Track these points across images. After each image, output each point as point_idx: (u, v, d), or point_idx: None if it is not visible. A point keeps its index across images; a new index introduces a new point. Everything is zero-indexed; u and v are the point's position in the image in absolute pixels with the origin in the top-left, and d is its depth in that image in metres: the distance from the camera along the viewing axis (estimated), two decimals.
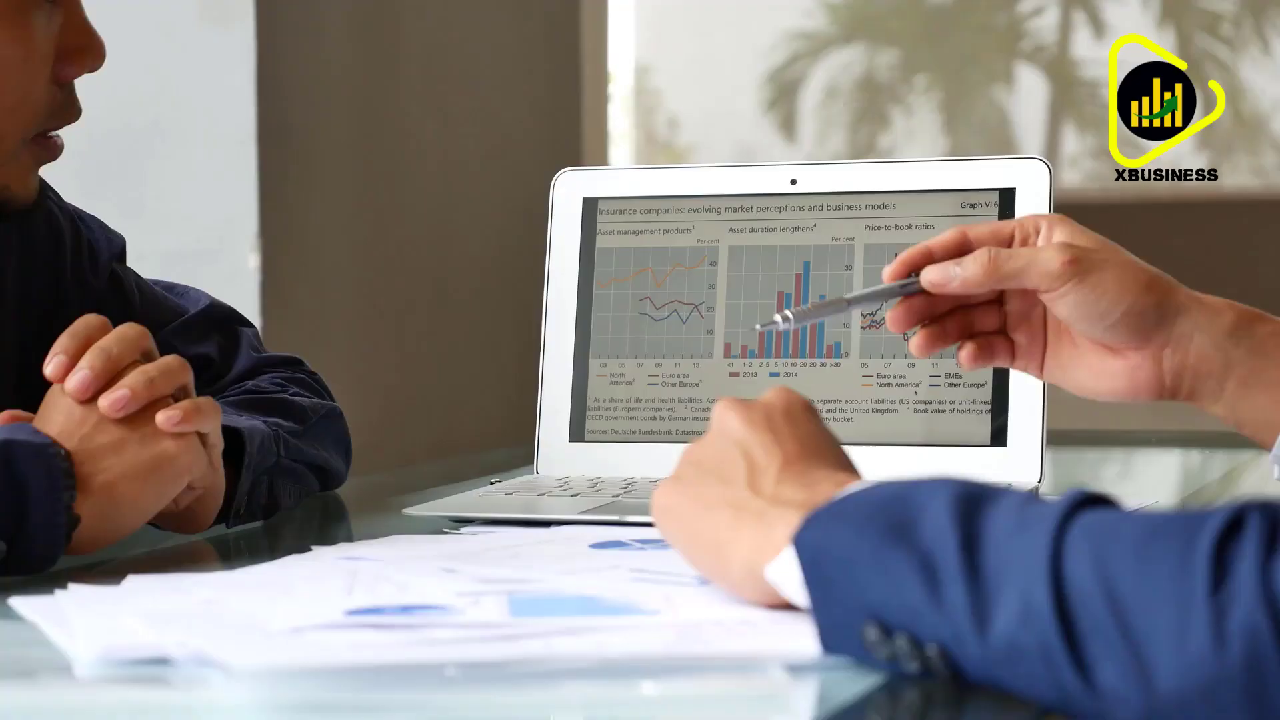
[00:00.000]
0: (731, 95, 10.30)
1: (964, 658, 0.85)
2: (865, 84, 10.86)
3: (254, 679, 0.91)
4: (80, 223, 1.58)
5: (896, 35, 11.13)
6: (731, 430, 1.05)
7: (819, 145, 10.45)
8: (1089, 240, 1.26)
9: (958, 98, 11.44)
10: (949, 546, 0.86)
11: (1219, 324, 1.25)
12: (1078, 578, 0.82)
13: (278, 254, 2.49)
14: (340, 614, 1.02)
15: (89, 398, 1.22)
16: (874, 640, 0.89)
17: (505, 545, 1.28)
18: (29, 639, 1.02)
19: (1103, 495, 0.87)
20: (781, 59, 10.75)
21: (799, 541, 0.92)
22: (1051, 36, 11.75)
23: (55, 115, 1.39)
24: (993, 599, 0.84)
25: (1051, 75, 11.56)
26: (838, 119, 10.78)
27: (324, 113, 2.66)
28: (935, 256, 1.28)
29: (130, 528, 1.22)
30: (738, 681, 0.92)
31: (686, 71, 9.75)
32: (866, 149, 10.68)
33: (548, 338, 1.58)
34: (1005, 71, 11.81)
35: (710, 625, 1.00)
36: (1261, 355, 1.24)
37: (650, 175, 1.60)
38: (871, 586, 0.89)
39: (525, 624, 1.00)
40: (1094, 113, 11.59)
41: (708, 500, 1.03)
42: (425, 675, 0.92)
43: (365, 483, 1.74)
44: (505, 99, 3.23)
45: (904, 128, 11.16)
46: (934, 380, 1.49)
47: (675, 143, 11.31)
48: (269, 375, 1.59)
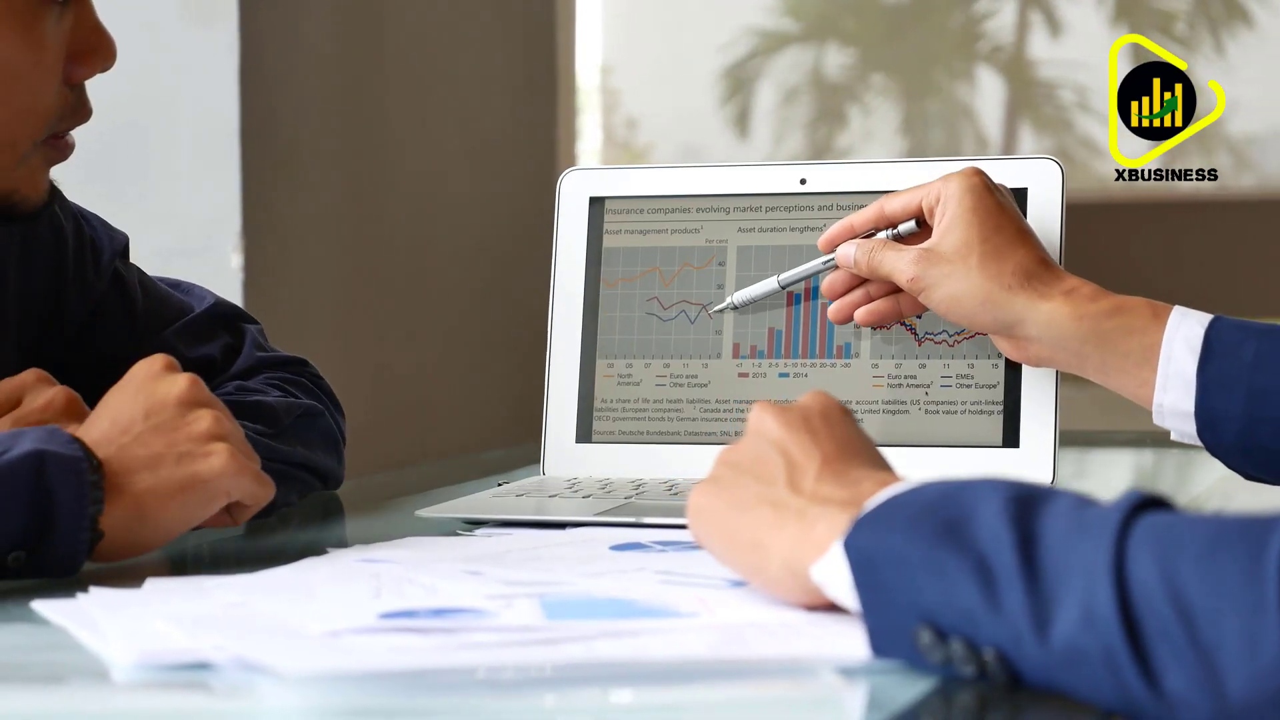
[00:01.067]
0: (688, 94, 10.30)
1: (1022, 661, 0.85)
2: (822, 83, 10.88)
3: (300, 684, 0.90)
4: (83, 221, 1.56)
5: (854, 34, 11.15)
6: (769, 432, 1.04)
7: (777, 145, 10.47)
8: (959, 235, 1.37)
9: (915, 97, 11.47)
10: (1005, 548, 0.86)
11: (1060, 332, 1.35)
12: (1142, 582, 0.81)
13: (261, 253, 2.47)
14: (373, 617, 1.01)
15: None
16: (927, 644, 0.88)
17: (525, 547, 1.27)
18: (55, 643, 1.01)
19: (1160, 497, 0.86)
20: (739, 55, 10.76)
21: (849, 544, 0.92)
22: (1008, 37, 11.78)
23: (66, 117, 1.38)
24: (1053, 602, 0.83)
25: (1008, 75, 11.59)
26: (796, 118, 10.81)
27: (307, 111, 2.65)
28: (856, 230, 1.45)
29: (155, 544, 1.21)
30: (788, 685, 0.91)
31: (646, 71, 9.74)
32: (824, 149, 10.70)
33: (554, 338, 1.57)
34: (963, 71, 11.83)
35: (750, 628, 0.99)
36: (1109, 350, 1.34)
37: (658, 174, 1.59)
38: (924, 589, 0.88)
39: (563, 627, 0.99)
40: (1051, 113, 11.61)
41: (746, 500, 1.03)
42: (468, 679, 0.91)
43: (361, 484, 1.73)
44: (484, 99, 3.22)
45: (861, 127, 11.19)
46: (945, 381, 1.49)
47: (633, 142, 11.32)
48: (263, 376, 1.58)
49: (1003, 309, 1.37)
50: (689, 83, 10.22)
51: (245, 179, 2.45)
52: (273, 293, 2.52)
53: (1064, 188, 1.48)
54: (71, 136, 1.41)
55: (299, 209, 2.62)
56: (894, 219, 1.44)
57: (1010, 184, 1.49)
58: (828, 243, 1.46)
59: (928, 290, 1.39)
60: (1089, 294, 1.36)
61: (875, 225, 1.45)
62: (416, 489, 1.72)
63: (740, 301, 1.52)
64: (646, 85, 9.38)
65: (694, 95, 10.15)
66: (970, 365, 1.48)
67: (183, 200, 2.43)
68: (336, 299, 2.73)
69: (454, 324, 3.11)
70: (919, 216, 1.43)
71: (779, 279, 1.51)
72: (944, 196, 1.40)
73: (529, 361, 3.40)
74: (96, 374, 1.48)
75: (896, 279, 1.41)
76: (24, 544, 1.15)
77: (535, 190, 3.44)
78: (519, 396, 3.35)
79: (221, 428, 1.23)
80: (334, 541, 1.46)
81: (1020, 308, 1.36)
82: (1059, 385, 1.46)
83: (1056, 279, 1.37)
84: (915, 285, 1.39)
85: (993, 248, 1.37)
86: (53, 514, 1.15)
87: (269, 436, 1.46)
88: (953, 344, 1.49)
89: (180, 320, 1.57)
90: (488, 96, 3.24)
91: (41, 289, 1.51)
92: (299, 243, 2.63)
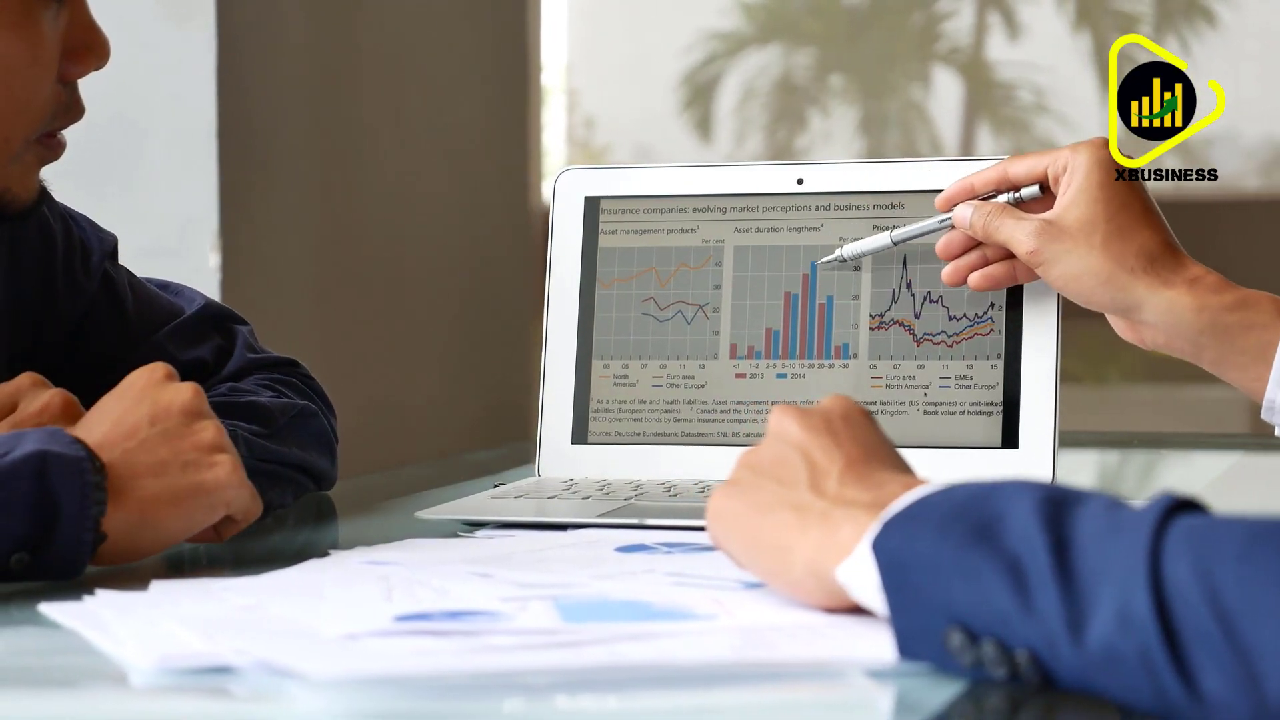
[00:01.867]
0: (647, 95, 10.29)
1: (1056, 664, 0.84)
2: (782, 85, 10.87)
3: (325, 688, 0.89)
4: (71, 222, 1.54)
5: (813, 36, 11.15)
6: (790, 435, 1.04)
7: (737, 146, 10.47)
8: (1083, 210, 1.34)
9: (874, 99, 11.47)
10: (1038, 550, 0.85)
11: (1180, 319, 1.32)
12: (1179, 583, 0.81)
13: (238, 253, 2.46)
14: (388, 620, 1.00)
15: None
16: (957, 646, 0.87)
17: (530, 549, 1.26)
18: (68, 646, 1.00)
19: (1193, 499, 0.86)
20: (698, 59, 10.74)
21: (878, 546, 0.91)
22: (967, 38, 11.80)
23: (60, 115, 1.37)
24: (1088, 604, 0.83)
25: (967, 76, 11.61)
26: (756, 120, 10.80)
27: (284, 110, 2.63)
28: (976, 191, 1.41)
29: (153, 550, 1.20)
30: (817, 688, 0.90)
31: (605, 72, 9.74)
32: (784, 150, 10.69)
33: (549, 338, 1.56)
34: (921, 73, 11.85)
35: (771, 630, 0.98)
36: (1227, 344, 1.32)
37: (653, 174, 1.58)
38: (955, 591, 0.88)
39: (582, 630, 0.98)
40: (1009, 114, 11.63)
41: (767, 503, 1.02)
42: (493, 682, 0.91)
43: (346, 485, 1.72)
44: (456, 97, 3.21)
45: (821, 129, 11.18)
46: (944, 382, 1.48)
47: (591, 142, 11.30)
48: (255, 377, 1.57)
49: (1123, 291, 1.34)
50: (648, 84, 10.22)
51: (223, 178, 2.44)
52: (250, 293, 2.50)
53: None
54: (63, 136, 1.40)
55: (276, 208, 2.61)
56: (1017, 183, 1.41)
57: None
58: (946, 201, 1.43)
59: (1046, 264, 1.36)
60: (1213, 284, 1.33)
61: (997, 188, 1.41)
62: (406, 490, 1.71)
63: (850, 255, 1.48)
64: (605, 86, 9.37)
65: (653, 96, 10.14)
66: (969, 366, 1.48)
67: (160, 200, 2.42)
68: (314, 299, 2.72)
69: (431, 324, 3.10)
70: (1043, 182, 1.39)
71: (892, 235, 1.47)
72: (1071, 166, 1.37)
73: (507, 362, 3.40)
74: (87, 377, 1.47)
75: (1014, 248, 1.38)
76: (27, 545, 1.14)
77: (507, 189, 3.43)
78: (497, 397, 3.34)
79: (224, 440, 1.22)
80: (329, 543, 1.45)
81: (1141, 292, 1.34)
82: (1058, 386, 1.45)
83: (1181, 265, 1.34)
84: (1034, 258, 1.36)
85: (1117, 227, 1.34)
86: (55, 515, 1.14)
87: (264, 437, 1.45)
88: (951, 344, 1.49)
89: (171, 322, 1.56)
90: (460, 95, 3.23)
91: (31, 291, 1.50)
92: (276, 242, 2.62)
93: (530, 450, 1.56)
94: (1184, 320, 1.32)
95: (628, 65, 8.74)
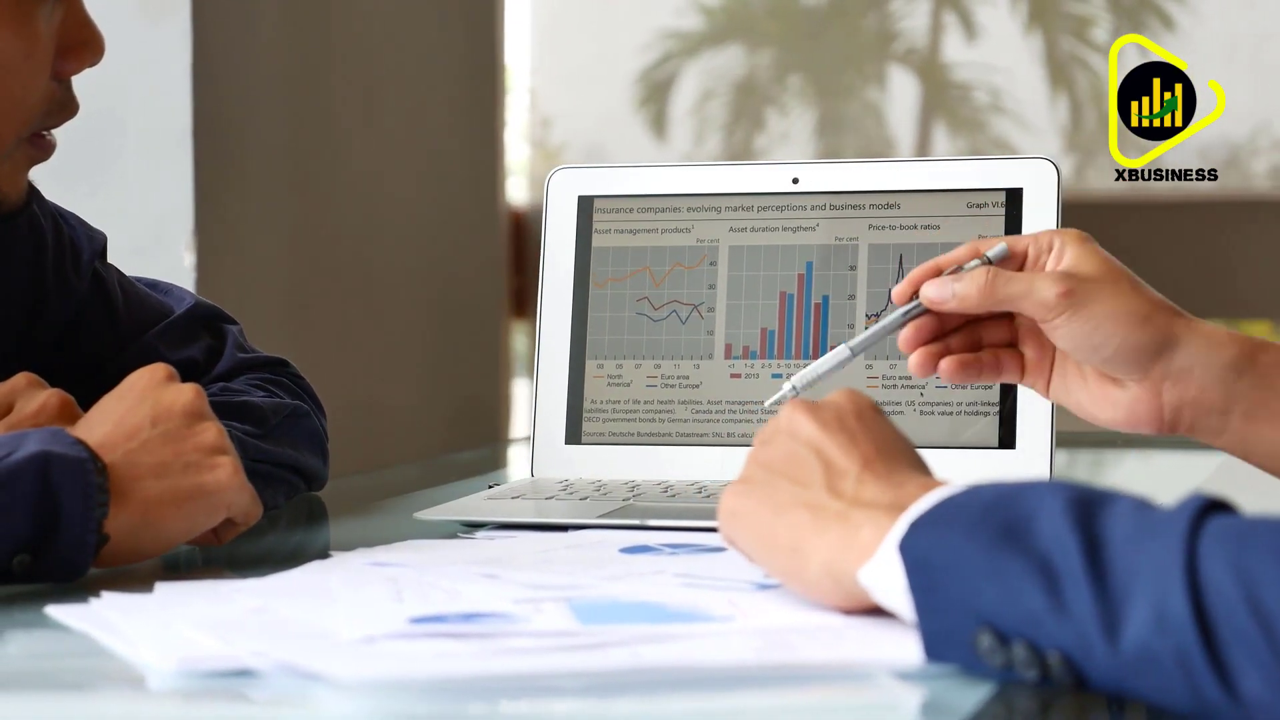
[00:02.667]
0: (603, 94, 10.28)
1: (1090, 665, 0.84)
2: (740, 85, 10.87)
3: (355, 692, 0.88)
4: (61, 220, 1.53)
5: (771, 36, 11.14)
6: (803, 432, 1.03)
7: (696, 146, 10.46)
8: (1096, 265, 1.23)
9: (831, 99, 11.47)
10: (1070, 551, 0.85)
11: (1220, 357, 1.22)
12: (1216, 583, 0.80)
13: (213, 252, 2.44)
14: (404, 622, 1.00)
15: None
16: (987, 648, 0.87)
17: (533, 550, 1.25)
18: (81, 649, 0.99)
19: (1223, 500, 0.85)
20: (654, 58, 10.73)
21: (905, 547, 0.91)
22: (923, 39, 11.81)
23: (53, 113, 1.35)
24: (1123, 605, 0.83)
25: (923, 77, 11.62)
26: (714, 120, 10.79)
27: (259, 109, 2.61)
28: (944, 267, 1.25)
29: (155, 552, 1.19)
30: (846, 690, 0.90)
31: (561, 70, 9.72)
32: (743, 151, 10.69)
33: (542, 338, 1.55)
34: (877, 74, 11.86)
35: (791, 632, 0.98)
36: (1265, 387, 1.22)
37: (647, 173, 1.57)
38: (984, 592, 0.87)
39: (601, 632, 0.98)
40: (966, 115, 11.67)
41: (782, 503, 1.01)
42: (519, 685, 0.90)
43: (334, 486, 1.70)
44: (428, 98, 3.20)
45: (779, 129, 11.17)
46: (940, 382, 1.48)
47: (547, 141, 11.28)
48: (246, 376, 1.56)
49: (1165, 328, 1.21)
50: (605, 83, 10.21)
51: (198, 177, 2.42)
52: (225, 291, 2.48)
53: (1060, 188, 1.47)
54: (53, 136, 1.38)
55: (251, 207, 2.59)
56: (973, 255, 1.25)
57: (1005, 185, 1.48)
58: (909, 287, 1.25)
59: (1081, 305, 1.20)
60: (1227, 332, 1.23)
61: (969, 258, 1.25)
62: (393, 491, 1.70)
63: (802, 384, 1.27)
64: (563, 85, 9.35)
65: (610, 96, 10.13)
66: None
67: (135, 198, 2.39)
68: (288, 298, 2.70)
69: (404, 324, 3.08)
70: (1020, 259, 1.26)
71: (850, 345, 1.27)
72: (1058, 242, 1.24)
73: (475, 365, 3.38)
74: (78, 377, 1.46)
75: (1036, 297, 1.21)
76: (29, 547, 1.13)
77: (476, 188, 3.42)
78: (467, 398, 3.32)
79: (225, 442, 1.21)
80: (323, 544, 1.44)
81: (1180, 328, 1.21)
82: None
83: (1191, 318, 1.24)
84: (1069, 299, 1.20)
85: (1131, 278, 1.23)
86: (58, 516, 1.13)
87: (257, 437, 1.44)
88: None
89: (161, 322, 1.55)
90: (431, 93, 3.22)
91: (21, 291, 1.48)
92: (251, 241, 2.60)
93: (506, 451, 1.55)
94: (1223, 358, 1.21)
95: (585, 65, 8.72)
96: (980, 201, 1.49)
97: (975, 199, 1.49)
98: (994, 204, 1.49)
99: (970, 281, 1.23)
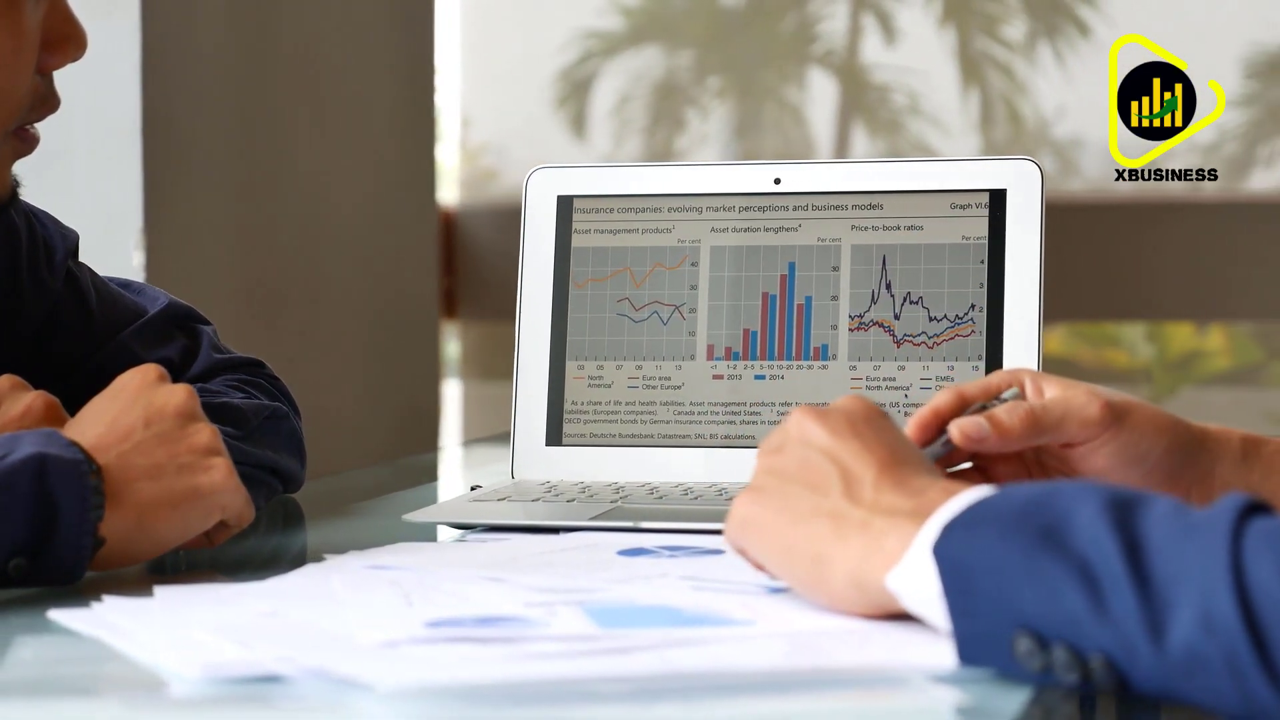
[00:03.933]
0: (522, 95, 10.24)
1: (1134, 669, 0.83)
2: (659, 86, 10.86)
3: (391, 698, 0.87)
4: (34, 218, 1.51)
5: (690, 37, 11.13)
6: (815, 439, 1.02)
7: (616, 147, 10.44)
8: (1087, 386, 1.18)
9: (749, 100, 11.47)
10: (1110, 553, 0.85)
11: (1231, 451, 1.19)
12: (1263, 584, 0.80)
13: (162, 251, 2.41)
14: (421, 626, 0.98)
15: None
16: (1026, 651, 0.86)
17: (531, 553, 1.24)
18: (92, 655, 0.97)
19: (1261, 502, 0.85)
20: (573, 58, 10.70)
21: (939, 551, 0.90)
22: (841, 41, 11.83)
23: (37, 107, 1.34)
24: (1167, 607, 0.82)
25: (841, 79, 11.64)
26: (634, 121, 10.78)
27: (206, 106, 2.58)
28: (944, 417, 1.17)
29: (149, 554, 1.17)
30: (884, 695, 0.89)
31: (479, 70, 9.68)
32: (665, 152, 10.69)
33: (522, 339, 1.54)
34: (796, 75, 11.87)
35: (817, 635, 0.97)
36: (1275, 474, 1.19)
37: (627, 173, 1.56)
38: (1023, 596, 0.87)
39: (623, 636, 0.97)
40: (885, 117, 11.70)
41: (799, 511, 1.00)
42: (550, 690, 0.89)
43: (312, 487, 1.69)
44: (369, 99, 3.17)
45: (699, 130, 11.16)
46: (925, 384, 1.48)
47: (467, 141, 11.22)
48: (223, 377, 1.54)
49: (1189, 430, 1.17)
50: (524, 83, 10.19)
51: (147, 175, 2.38)
52: (174, 291, 2.45)
53: (1043, 190, 1.47)
54: (37, 130, 1.36)
55: (200, 207, 2.56)
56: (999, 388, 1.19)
57: (989, 186, 1.48)
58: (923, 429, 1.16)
59: (1123, 416, 1.15)
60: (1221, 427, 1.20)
61: (959, 410, 1.18)
62: (364, 495, 1.68)
63: None
64: (484, 84, 9.33)
65: (528, 97, 10.11)
66: (950, 367, 1.47)
67: (82, 196, 2.36)
68: (235, 299, 2.67)
69: (347, 328, 3.06)
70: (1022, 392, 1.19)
71: None
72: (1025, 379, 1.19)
73: (413, 371, 3.36)
74: (53, 377, 1.44)
75: (1082, 415, 1.15)
76: (25, 550, 1.11)
77: (414, 190, 3.40)
78: (411, 405, 3.30)
79: (218, 443, 1.20)
80: (300, 546, 1.43)
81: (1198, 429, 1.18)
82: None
83: None
84: (1111, 412, 1.15)
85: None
86: (54, 519, 1.11)
87: (238, 439, 1.42)
88: (932, 346, 1.48)
89: (135, 322, 1.53)
90: (372, 95, 3.19)
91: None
92: (198, 241, 2.57)
93: (435, 457, 1.54)
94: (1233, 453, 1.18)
95: (505, 64, 8.70)
96: (964, 203, 1.49)
97: (959, 200, 1.49)
98: (977, 205, 1.48)
99: (1011, 416, 1.15)
